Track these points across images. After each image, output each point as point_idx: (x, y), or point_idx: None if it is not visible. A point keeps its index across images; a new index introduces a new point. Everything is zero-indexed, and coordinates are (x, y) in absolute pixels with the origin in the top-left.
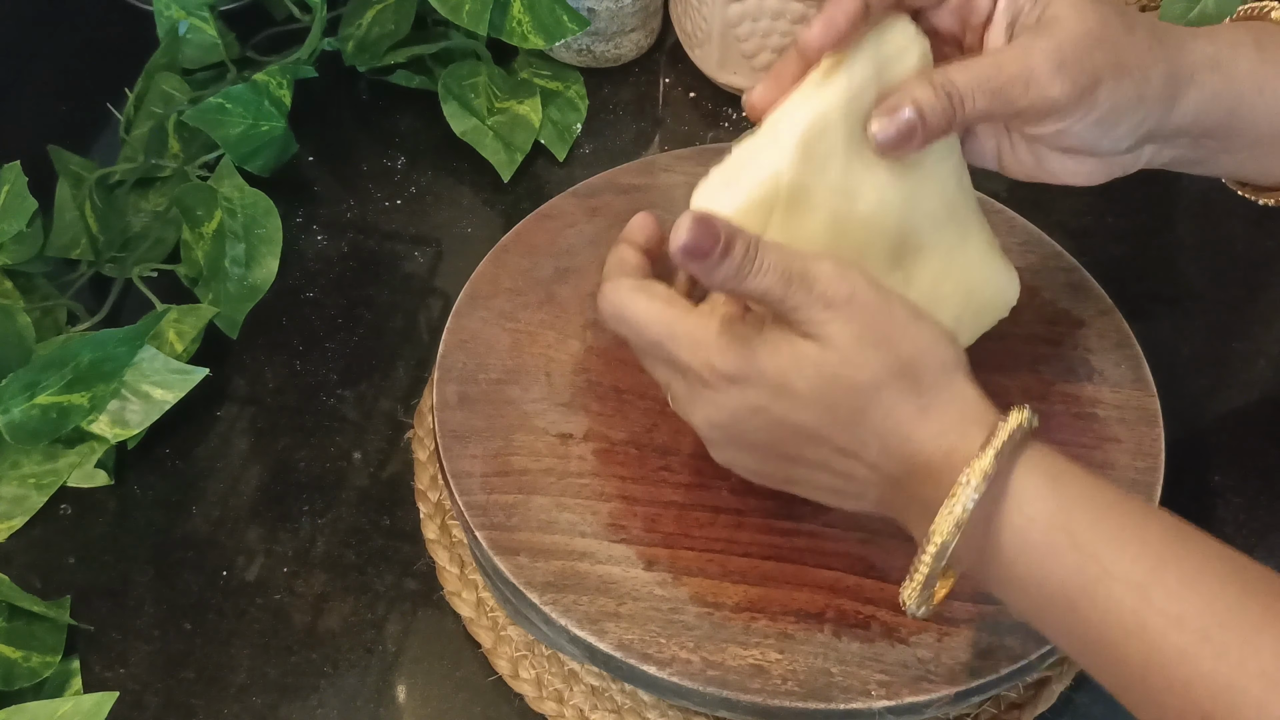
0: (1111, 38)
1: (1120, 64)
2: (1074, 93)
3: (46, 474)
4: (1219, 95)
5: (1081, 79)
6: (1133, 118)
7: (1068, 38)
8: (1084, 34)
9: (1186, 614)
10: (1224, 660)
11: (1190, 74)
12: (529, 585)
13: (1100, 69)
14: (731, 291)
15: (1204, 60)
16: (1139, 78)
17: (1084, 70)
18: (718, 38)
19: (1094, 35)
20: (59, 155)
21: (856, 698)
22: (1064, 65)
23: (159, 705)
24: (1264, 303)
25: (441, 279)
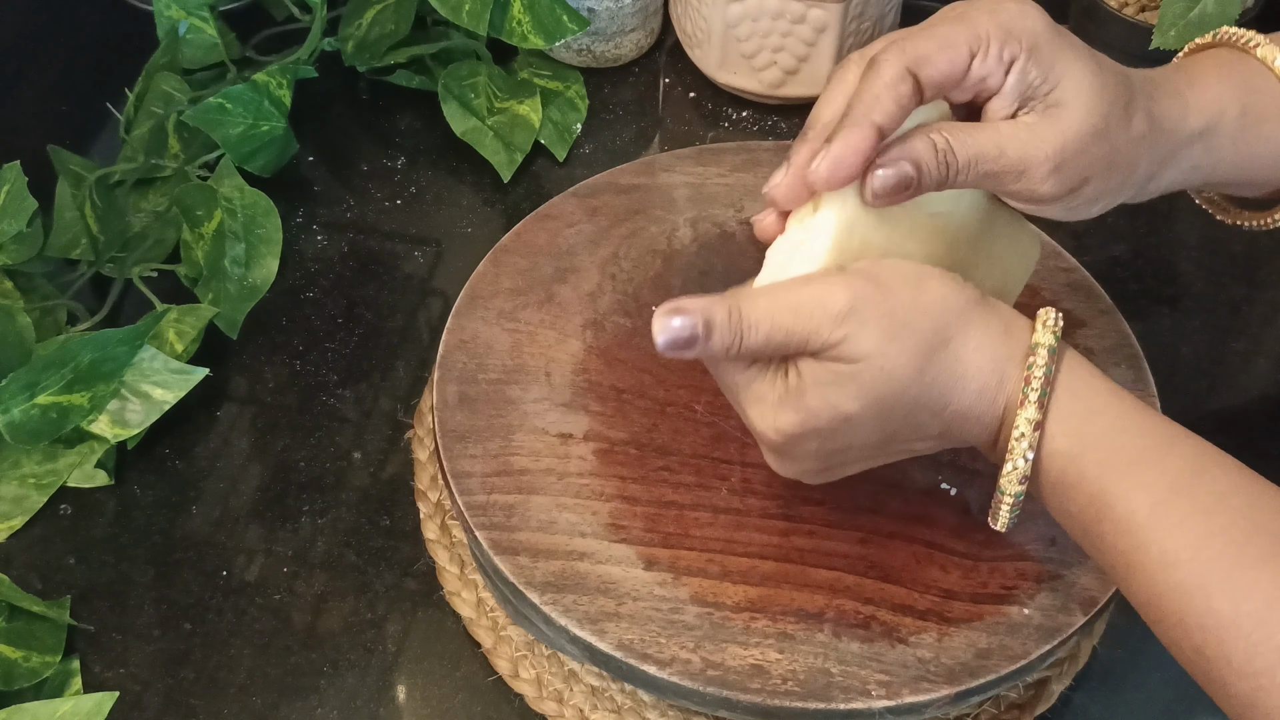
0: (1111, 133)
1: (1112, 162)
2: (1061, 192)
3: (46, 474)
4: (1198, 166)
5: (1072, 180)
6: (1108, 203)
7: (1071, 135)
8: (1087, 132)
9: (1184, 552)
10: (1217, 598)
11: (1175, 153)
12: (529, 585)
13: (1092, 168)
14: (737, 359)
15: (1192, 137)
16: (1126, 173)
17: (1077, 172)
18: (718, 38)
19: (1096, 132)
20: (59, 155)
21: (856, 698)
22: (1060, 168)
23: (159, 705)
24: (1264, 303)
25: (441, 279)
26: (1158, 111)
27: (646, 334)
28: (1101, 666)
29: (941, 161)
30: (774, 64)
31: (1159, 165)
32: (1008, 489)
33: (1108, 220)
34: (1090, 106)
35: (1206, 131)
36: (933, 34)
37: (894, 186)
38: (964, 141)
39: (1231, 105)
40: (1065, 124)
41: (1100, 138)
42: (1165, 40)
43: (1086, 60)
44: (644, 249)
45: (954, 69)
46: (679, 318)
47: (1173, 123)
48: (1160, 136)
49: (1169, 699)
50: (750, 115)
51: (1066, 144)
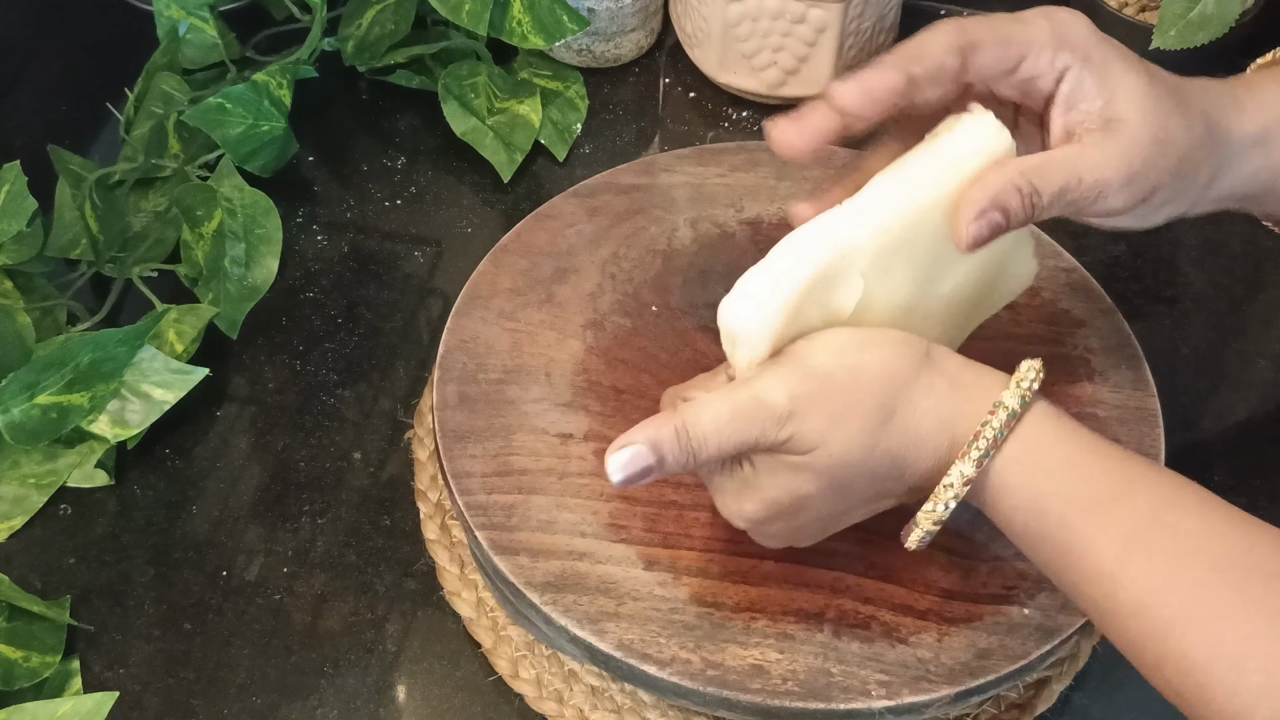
0: (1172, 140)
1: (1179, 169)
2: (1134, 204)
3: (46, 474)
4: (1258, 172)
5: (1143, 191)
6: (1173, 210)
7: (1136, 148)
8: (1150, 142)
9: (1151, 598)
10: (1189, 642)
11: (1233, 156)
12: (529, 585)
13: (1161, 176)
14: (696, 473)
15: (1249, 140)
16: (1190, 179)
17: (1147, 182)
18: (718, 38)
19: (1159, 141)
20: (59, 155)
21: (856, 698)
22: (1132, 180)
23: (159, 705)
24: (1264, 303)
25: (441, 279)
26: (1214, 115)
27: (646, 334)
28: (1101, 666)
29: (1027, 204)
30: (774, 64)
31: (1218, 170)
32: (922, 523)
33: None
34: (1147, 116)
35: (1265, 137)
36: (992, 25)
37: (988, 235)
38: (1046, 179)
39: None
40: (1129, 138)
41: (1164, 145)
42: (1165, 40)
43: (1138, 69)
44: (644, 249)
45: (1002, 64)
46: (627, 451)
47: (1229, 126)
48: (1218, 139)
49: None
50: (750, 115)
51: (1133, 157)
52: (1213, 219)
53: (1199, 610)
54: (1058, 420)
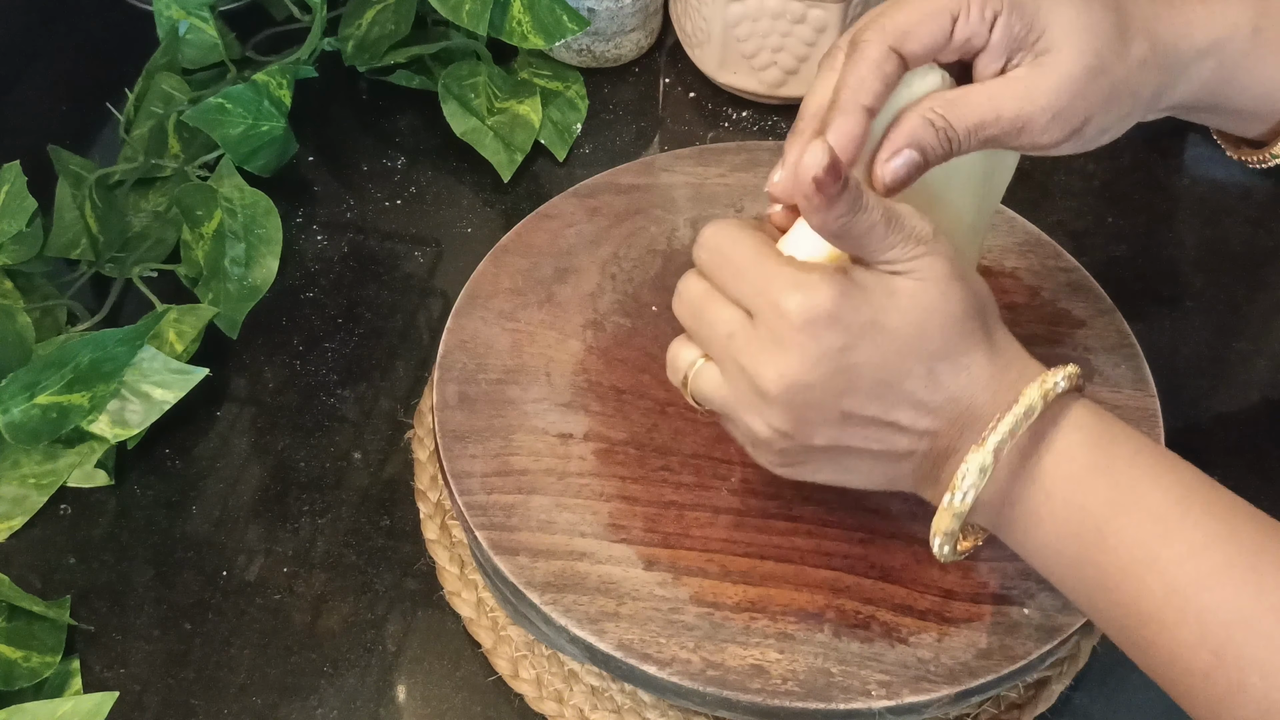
0: (1107, 68)
1: (1111, 95)
2: (1064, 136)
3: (46, 474)
4: (1208, 83)
5: (1073, 122)
6: (1116, 131)
7: (1065, 82)
8: (1080, 74)
9: (1209, 543)
10: (1242, 591)
11: (1181, 69)
12: (529, 585)
13: (1091, 106)
14: (839, 230)
15: (1197, 53)
16: (1129, 102)
17: (1076, 114)
18: (718, 38)
19: (1090, 71)
20: (59, 155)
21: (856, 698)
22: (1059, 115)
23: (159, 705)
24: (1264, 303)
25: (441, 279)
26: (1160, 29)
27: (646, 334)
28: (1101, 666)
29: (943, 138)
30: (774, 64)
31: (1166, 84)
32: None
33: (1108, 220)
34: (1080, 47)
35: (1215, 47)
36: (914, 6)
37: (904, 176)
38: (960, 114)
39: (1244, 23)
40: (1057, 70)
41: (1095, 75)
42: None
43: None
44: (644, 249)
45: (936, 39)
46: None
47: (1176, 38)
48: (1164, 56)
49: (1169, 699)
50: (750, 115)
51: (1060, 90)
52: (1213, 219)
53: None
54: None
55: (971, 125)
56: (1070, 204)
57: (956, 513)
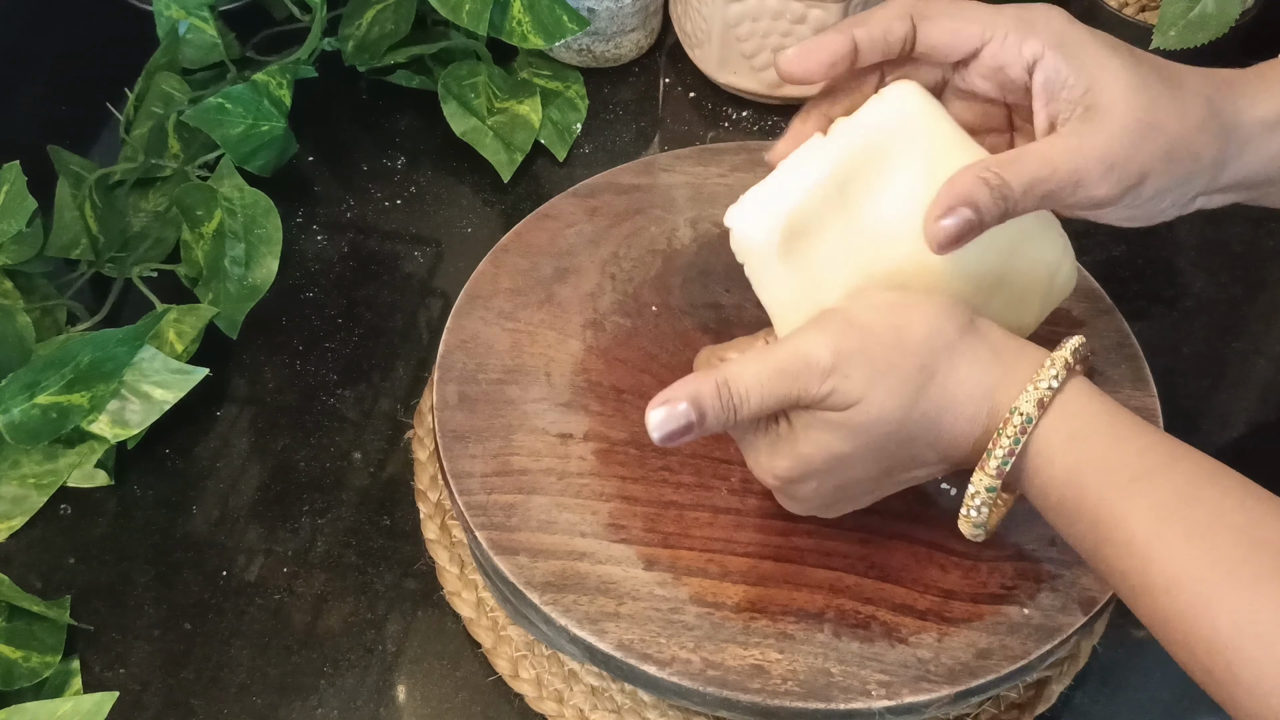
0: (1162, 125)
1: (1171, 154)
2: (1120, 192)
3: (46, 474)
4: (1276, 156)
5: (1129, 178)
6: (1180, 195)
7: (1117, 134)
8: (1134, 127)
9: (1184, 573)
10: (1220, 620)
11: (1245, 142)
12: (529, 585)
13: (1149, 164)
14: (736, 429)
15: (1261, 126)
16: (1189, 164)
17: (1132, 169)
18: (718, 38)
19: (1144, 126)
20: (59, 155)
21: (856, 698)
22: (1113, 168)
23: (159, 705)
24: (1264, 303)
25: (441, 279)
26: (1219, 99)
27: (646, 334)
28: (1101, 666)
29: (999, 196)
30: (774, 64)
31: (1229, 154)
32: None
33: None
34: (1131, 100)
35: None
36: (953, 5)
37: (957, 233)
38: (1015, 171)
39: None
40: (1110, 123)
41: (1149, 130)
42: (1165, 40)
43: (1121, 55)
44: (644, 249)
45: (955, 39)
46: (666, 409)
47: (1239, 109)
48: (1224, 122)
49: (1169, 699)
50: (750, 115)
51: (1113, 142)
52: (1213, 219)
53: (1231, 588)
54: (1098, 397)
55: (1027, 181)
56: None
57: (976, 524)
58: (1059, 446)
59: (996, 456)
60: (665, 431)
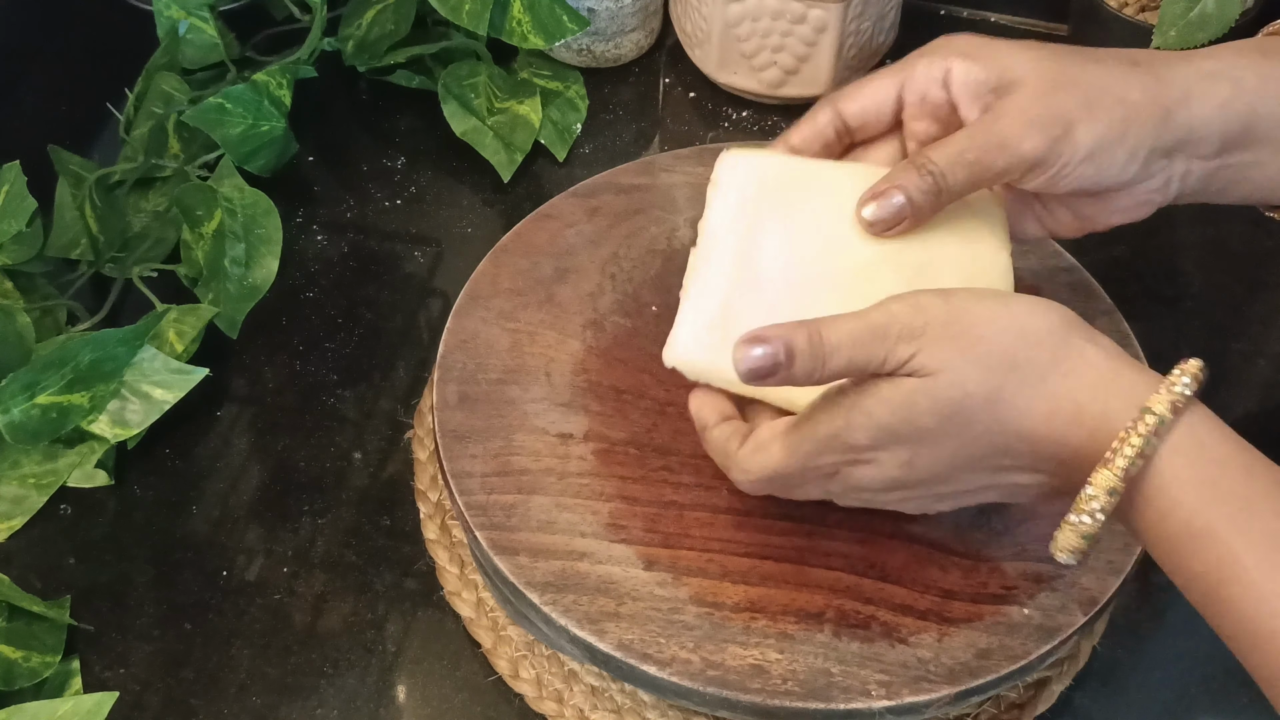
0: (1075, 78)
1: (1090, 101)
2: (1047, 143)
3: (46, 474)
4: (1228, 103)
5: (1053, 128)
6: (1124, 144)
7: (1030, 93)
8: (1045, 85)
9: None
10: None
11: (1184, 90)
12: (529, 585)
13: (1069, 112)
14: (819, 382)
15: (1198, 74)
16: (1114, 106)
17: (1053, 119)
18: (718, 38)
19: (1055, 82)
20: (59, 155)
21: (856, 698)
22: (1032, 122)
23: (159, 705)
24: (1264, 303)
25: (441, 279)
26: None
27: (647, 334)
28: (1101, 666)
29: (925, 175)
30: (774, 64)
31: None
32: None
33: None
34: (1040, 66)
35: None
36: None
37: (890, 215)
38: (939, 149)
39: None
40: (1022, 89)
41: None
42: (1165, 40)
43: (1031, 45)
44: (644, 249)
45: (873, 101)
46: (760, 347)
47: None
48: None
49: (1169, 699)
50: (750, 115)
51: (1027, 101)
52: (1212, 218)
53: None
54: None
55: (952, 155)
56: None
57: (1083, 534)
58: (1187, 466)
59: (1125, 455)
60: (751, 366)
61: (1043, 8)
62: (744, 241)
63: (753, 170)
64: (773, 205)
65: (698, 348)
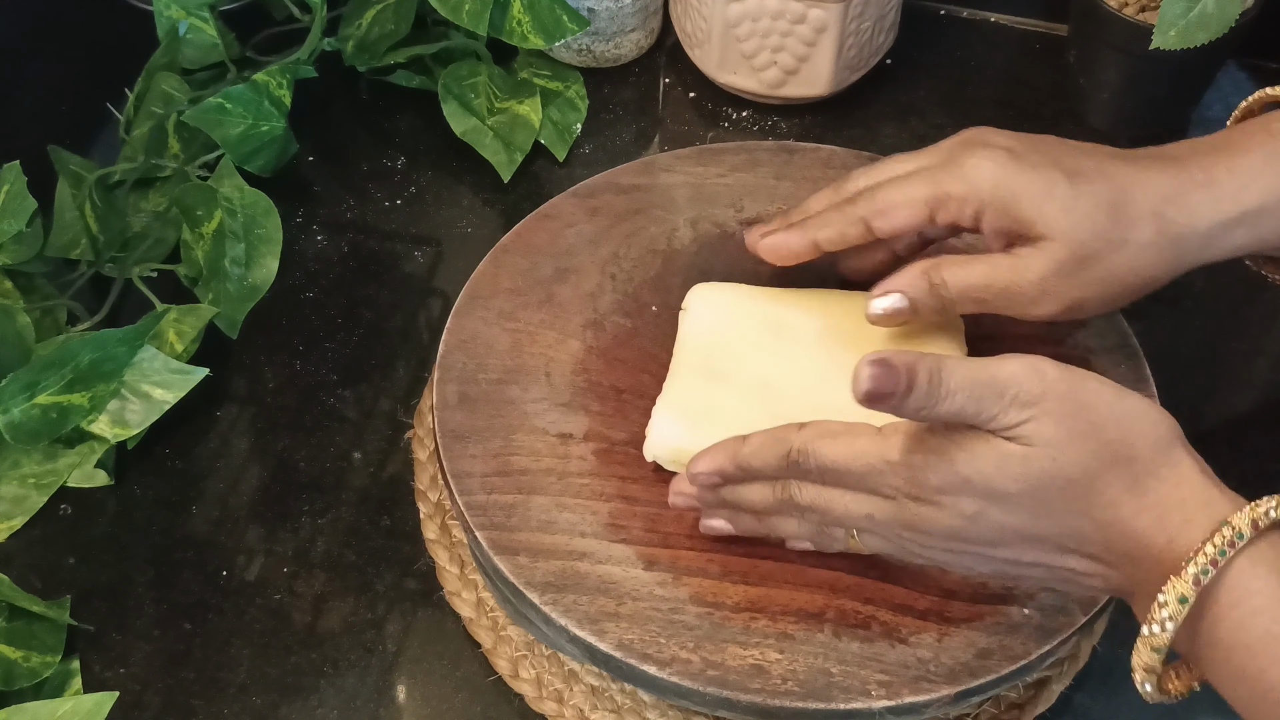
0: (1100, 255)
1: (1107, 278)
2: (1057, 312)
3: (46, 474)
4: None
5: (1065, 300)
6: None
7: (1055, 264)
8: (1070, 259)
9: None
10: None
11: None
12: (529, 585)
13: (1085, 291)
14: (925, 419)
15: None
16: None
17: (1068, 296)
18: (718, 38)
19: (1079, 259)
20: (59, 155)
21: (856, 698)
22: (1047, 294)
23: (159, 705)
24: (1264, 303)
25: (441, 279)
26: (1173, 212)
27: (646, 334)
28: (1101, 666)
29: (935, 294)
30: (774, 64)
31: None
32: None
33: None
34: (1069, 236)
35: (1247, 216)
36: (903, 188)
37: (885, 316)
38: (958, 274)
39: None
40: (1049, 255)
41: (1086, 262)
42: (1165, 40)
43: (1060, 186)
44: (644, 249)
45: (908, 223)
46: (884, 368)
47: (1194, 218)
48: (1178, 236)
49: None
50: (750, 115)
51: (1050, 273)
52: None
53: None
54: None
55: (965, 286)
56: None
57: (1154, 646)
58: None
59: (1198, 563)
60: (872, 387)
61: (1043, 8)
62: (714, 355)
63: (722, 301)
64: (743, 324)
65: (676, 440)
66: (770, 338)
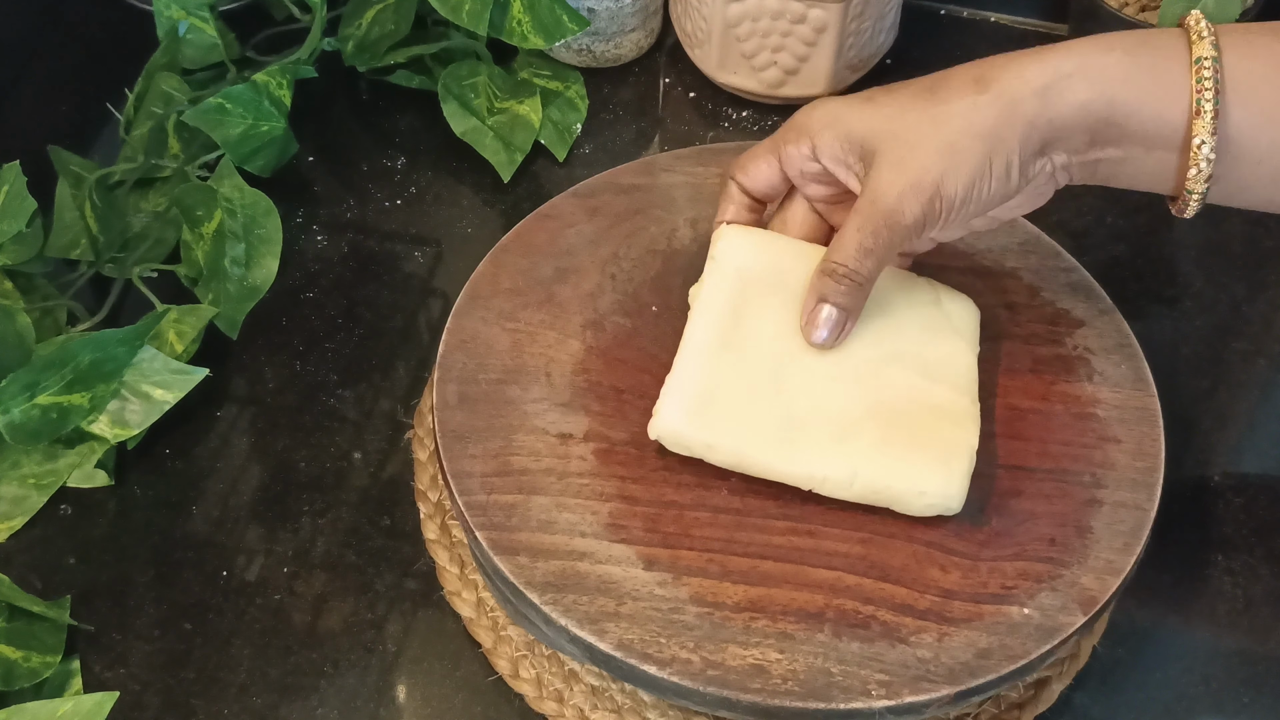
0: (924, 134)
1: (947, 147)
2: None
3: (46, 474)
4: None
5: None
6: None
7: (890, 162)
8: (901, 149)
9: None
10: None
11: (1041, 96)
12: (529, 585)
13: (931, 169)
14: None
15: (1056, 74)
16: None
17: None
18: (718, 38)
19: (908, 143)
20: (59, 155)
21: (856, 698)
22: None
23: (159, 705)
24: (1264, 303)
25: (441, 279)
26: (994, 74)
27: (646, 334)
28: (1101, 666)
29: (841, 278)
30: (774, 64)
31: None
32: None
33: (1108, 220)
34: (888, 127)
35: (1080, 72)
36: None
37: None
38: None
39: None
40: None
41: (914, 145)
42: None
43: (878, 95)
44: (644, 249)
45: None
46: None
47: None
48: (1005, 91)
49: (1169, 699)
50: (750, 115)
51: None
52: (1213, 219)
53: None
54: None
55: (851, 250)
56: (1070, 204)
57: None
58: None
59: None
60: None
61: (1043, 8)
62: (733, 317)
63: (750, 247)
64: (764, 284)
65: (681, 423)
66: (790, 298)
